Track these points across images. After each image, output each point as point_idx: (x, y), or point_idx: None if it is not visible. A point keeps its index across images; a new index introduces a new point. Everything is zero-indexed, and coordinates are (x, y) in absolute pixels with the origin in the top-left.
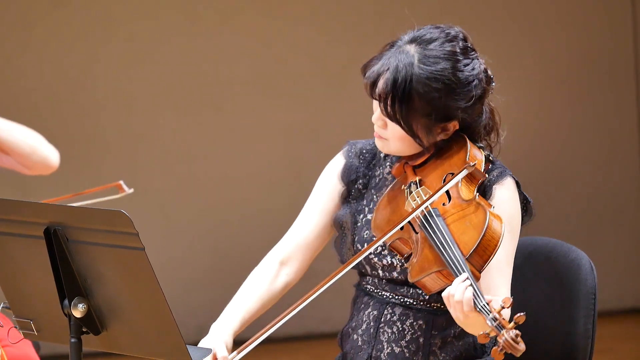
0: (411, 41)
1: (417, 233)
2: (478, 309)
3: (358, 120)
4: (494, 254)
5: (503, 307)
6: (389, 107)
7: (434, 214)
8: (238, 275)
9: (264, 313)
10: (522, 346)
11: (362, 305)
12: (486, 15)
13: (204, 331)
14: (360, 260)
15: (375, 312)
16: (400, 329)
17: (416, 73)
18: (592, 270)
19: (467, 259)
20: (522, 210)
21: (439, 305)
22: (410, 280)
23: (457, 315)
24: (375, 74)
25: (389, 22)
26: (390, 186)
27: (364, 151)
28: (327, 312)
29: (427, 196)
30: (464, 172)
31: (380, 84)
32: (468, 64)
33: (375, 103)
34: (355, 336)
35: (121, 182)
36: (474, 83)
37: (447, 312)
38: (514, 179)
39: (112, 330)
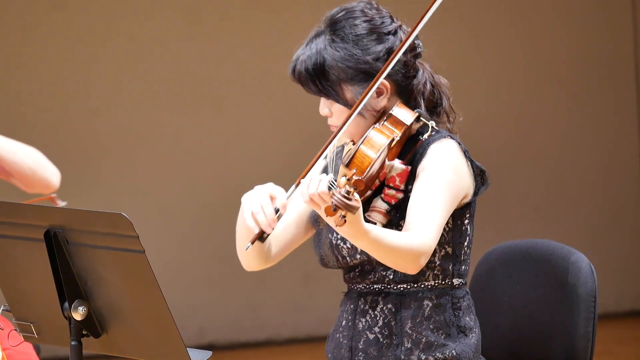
0: (324, 26)
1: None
2: (327, 188)
3: None
4: (373, 163)
5: (348, 180)
6: (311, 85)
7: (342, 148)
8: (238, 278)
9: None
10: (354, 203)
11: (342, 306)
12: (486, 17)
13: (204, 333)
14: (331, 249)
15: (352, 306)
16: (373, 315)
17: (323, 44)
18: (593, 273)
19: (345, 165)
20: (477, 181)
21: (404, 285)
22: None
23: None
24: (292, 63)
25: None
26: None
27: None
28: (327, 314)
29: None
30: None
31: (297, 67)
32: (378, 19)
33: (321, 99)
34: (337, 334)
35: (54, 195)
36: (386, 35)
37: (414, 292)
38: (460, 144)
39: (113, 333)
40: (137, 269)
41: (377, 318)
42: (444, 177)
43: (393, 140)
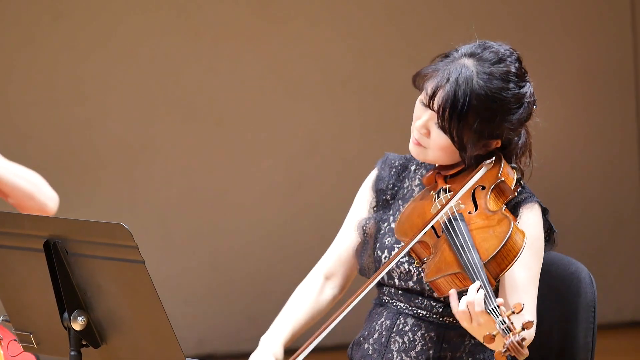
0: (469, 55)
1: (438, 237)
2: (488, 311)
3: (359, 132)
4: (512, 265)
5: (513, 312)
6: (445, 120)
7: (458, 218)
8: (238, 289)
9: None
10: (526, 351)
11: (376, 316)
12: (485, 27)
13: (203, 344)
14: (375, 264)
15: (388, 322)
16: (412, 339)
17: (475, 89)
18: (592, 283)
19: (484, 264)
20: (545, 239)
21: (451, 319)
22: (425, 279)
23: (468, 323)
24: (435, 85)
25: (391, 38)
26: (419, 193)
27: (396, 163)
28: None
29: (452, 195)
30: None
31: (440, 95)
32: (522, 85)
33: (420, 109)
34: (366, 345)
35: None
36: (525, 105)
37: (460, 327)
38: (541, 205)
39: (112, 344)
40: (137, 280)
41: (416, 343)
42: (537, 250)
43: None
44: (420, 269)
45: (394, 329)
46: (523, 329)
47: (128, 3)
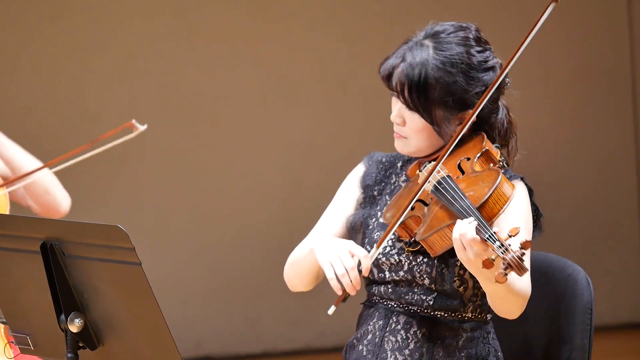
0: (425, 37)
1: (427, 205)
2: (485, 239)
3: (356, 134)
4: (503, 211)
5: (510, 236)
6: (406, 96)
7: (447, 178)
8: (235, 290)
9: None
10: (527, 265)
11: (368, 317)
12: (486, 27)
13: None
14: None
15: (381, 322)
16: (404, 337)
17: (431, 59)
18: (589, 285)
19: (477, 208)
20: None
21: (442, 313)
22: (418, 238)
23: (463, 253)
24: (389, 65)
25: (388, 41)
26: (405, 185)
27: (383, 160)
28: (326, 326)
29: (438, 160)
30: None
31: (397, 73)
32: (481, 51)
33: (394, 101)
34: (360, 347)
35: (133, 120)
36: (488, 69)
37: (451, 321)
38: (527, 185)
39: (109, 345)
40: (134, 281)
41: (409, 340)
42: (528, 223)
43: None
44: (409, 257)
45: (387, 329)
46: (521, 248)
47: (127, 7)
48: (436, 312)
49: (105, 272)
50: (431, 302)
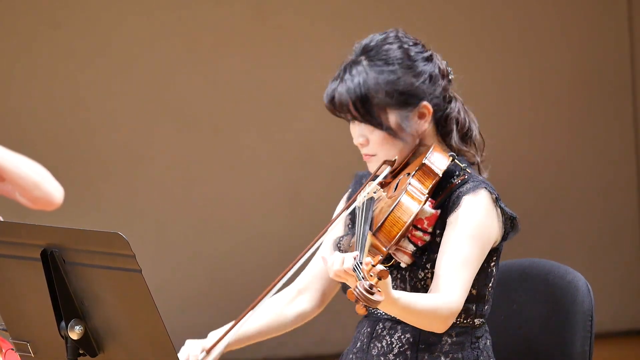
0: (357, 55)
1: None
2: (352, 269)
3: (355, 145)
4: (403, 230)
5: (373, 265)
6: (353, 111)
7: (368, 202)
8: (234, 297)
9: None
10: (376, 297)
11: (359, 326)
12: (481, 36)
13: None
14: None
15: (368, 329)
16: (389, 342)
17: (367, 68)
18: (589, 292)
19: (374, 233)
20: (507, 226)
21: None
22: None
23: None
24: (331, 90)
25: None
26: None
27: (365, 178)
28: (324, 333)
29: (365, 188)
30: (387, 170)
31: (338, 94)
32: (414, 44)
33: (351, 126)
34: (350, 355)
35: None
36: (426, 59)
37: None
38: (492, 192)
39: (109, 352)
40: (134, 288)
41: (393, 345)
42: (475, 234)
43: (424, 203)
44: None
45: (374, 335)
46: (379, 278)
47: (125, 12)
48: None
49: (105, 279)
50: None
